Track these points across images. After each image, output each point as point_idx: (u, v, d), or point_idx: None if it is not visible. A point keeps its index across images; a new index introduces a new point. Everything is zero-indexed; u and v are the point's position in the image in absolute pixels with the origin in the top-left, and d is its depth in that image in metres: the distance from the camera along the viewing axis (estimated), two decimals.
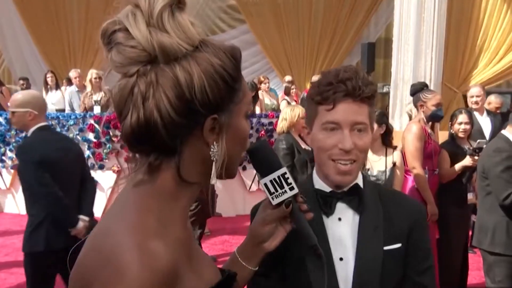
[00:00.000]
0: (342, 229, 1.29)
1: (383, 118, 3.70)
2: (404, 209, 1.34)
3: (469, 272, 4.20)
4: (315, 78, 8.16)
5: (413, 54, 7.41)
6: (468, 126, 4.08)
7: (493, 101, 6.07)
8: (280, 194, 1.07)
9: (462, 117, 4.06)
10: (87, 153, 7.09)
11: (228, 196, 7.08)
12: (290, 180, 1.06)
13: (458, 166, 3.90)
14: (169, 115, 0.81)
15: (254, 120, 7.18)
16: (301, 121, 4.19)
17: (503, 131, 3.25)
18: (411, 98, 4.35)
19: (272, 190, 1.07)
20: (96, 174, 7.17)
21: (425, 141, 3.73)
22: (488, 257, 3.20)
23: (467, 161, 3.87)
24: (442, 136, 5.21)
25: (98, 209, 7.03)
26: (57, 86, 8.46)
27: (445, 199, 3.84)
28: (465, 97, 8.85)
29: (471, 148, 3.97)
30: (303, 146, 4.19)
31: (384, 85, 9.68)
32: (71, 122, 7.11)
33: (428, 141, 3.75)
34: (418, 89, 3.93)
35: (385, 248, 1.27)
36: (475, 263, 4.63)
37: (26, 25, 12.05)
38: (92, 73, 7.45)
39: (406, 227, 1.31)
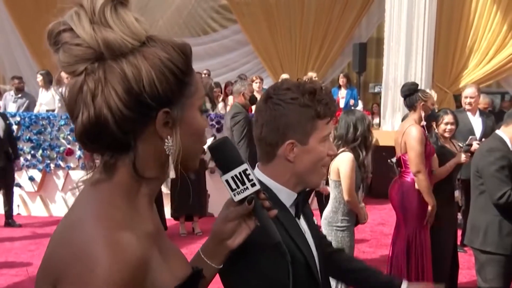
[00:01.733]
0: (303, 223, 1.45)
1: None
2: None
3: (460, 271, 4.23)
4: (305, 78, 8.17)
5: (404, 55, 7.48)
6: (453, 126, 4.11)
7: (481, 101, 6.13)
8: (242, 191, 1.07)
9: (448, 118, 4.08)
10: (78, 153, 7.06)
11: (220, 196, 7.03)
12: (252, 176, 1.07)
13: (451, 164, 3.92)
14: (119, 110, 0.82)
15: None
16: None
17: (497, 131, 3.27)
18: (401, 98, 4.37)
19: (234, 186, 1.07)
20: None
21: (425, 143, 3.71)
22: (480, 256, 3.22)
23: (460, 158, 3.90)
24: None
25: None
26: (48, 87, 8.40)
27: (436, 199, 3.87)
28: (455, 97, 8.97)
29: (464, 145, 4.01)
30: None
31: (376, 85, 9.74)
32: (62, 122, 7.06)
33: (427, 143, 3.74)
34: (415, 89, 3.88)
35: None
36: (466, 262, 4.67)
37: (15, 24, 11.98)
38: None
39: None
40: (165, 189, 6.42)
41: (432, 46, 7.62)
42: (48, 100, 8.17)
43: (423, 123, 3.82)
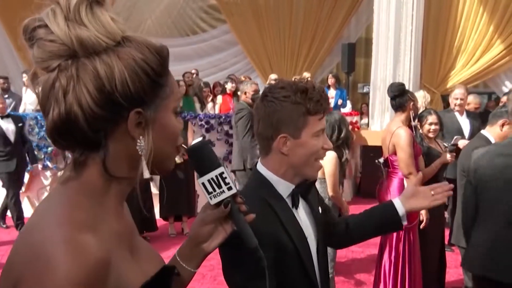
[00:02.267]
0: (302, 214, 1.54)
1: None
2: (313, 184, 1.66)
3: (447, 270, 4.28)
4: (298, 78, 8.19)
5: (393, 55, 7.52)
6: (437, 127, 4.14)
7: (472, 101, 6.16)
8: (218, 194, 1.08)
9: (432, 118, 4.11)
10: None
11: None
12: (228, 180, 1.07)
13: (436, 164, 3.95)
14: (90, 108, 0.82)
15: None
16: None
17: (482, 131, 3.31)
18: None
19: (210, 189, 1.08)
20: None
21: (413, 145, 3.73)
22: None
23: (446, 157, 3.94)
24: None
25: None
26: None
27: None
28: (443, 97, 9.06)
29: (449, 145, 4.04)
30: None
31: (365, 85, 9.80)
32: None
33: (414, 143, 3.76)
34: (404, 90, 3.83)
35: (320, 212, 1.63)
36: (453, 261, 4.72)
37: (2, 23, 11.84)
38: None
39: (316, 194, 1.67)
40: (154, 190, 6.42)
41: (420, 46, 7.69)
42: (33, 100, 8.10)
43: (414, 123, 3.84)
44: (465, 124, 5.46)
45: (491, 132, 3.30)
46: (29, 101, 8.16)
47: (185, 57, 11.82)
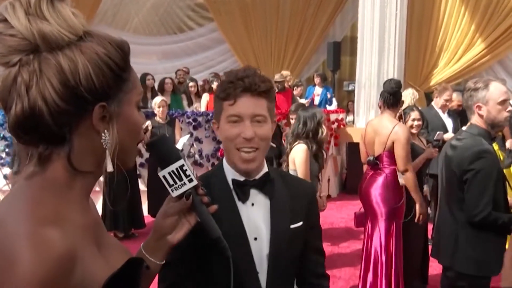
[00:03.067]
0: (255, 213, 1.43)
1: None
2: (302, 190, 1.56)
3: (430, 264, 4.29)
4: (276, 76, 8.27)
5: (377, 53, 7.64)
6: (419, 122, 4.23)
7: (455, 98, 6.26)
8: (180, 186, 1.09)
9: (415, 114, 4.20)
10: None
11: None
12: (189, 172, 1.08)
13: (420, 159, 4.00)
14: (54, 102, 0.81)
15: None
16: None
17: (463, 128, 3.41)
18: (375, 95, 4.50)
19: (171, 182, 1.08)
20: None
21: None
22: None
23: (429, 153, 4.02)
24: None
25: None
26: None
27: (407, 194, 3.93)
28: (426, 95, 9.22)
29: (433, 140, 4.14)
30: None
31: (350, 83, 9.90)
32: None
33: None
34: (390, 90, 3.84)
35: (292, 226, 1.46)
36: None
37: None
38: None
39: (305, 206, 1.53)
40: (142, 187, 6.44)
41: (403, 45, 7.81)
42: None
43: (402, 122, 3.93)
44: (448, 121, 5.60)
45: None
46: None
47: (172, 55, 11.83)
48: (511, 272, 1.86)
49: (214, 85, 8.23)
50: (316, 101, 8.95)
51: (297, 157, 3.67)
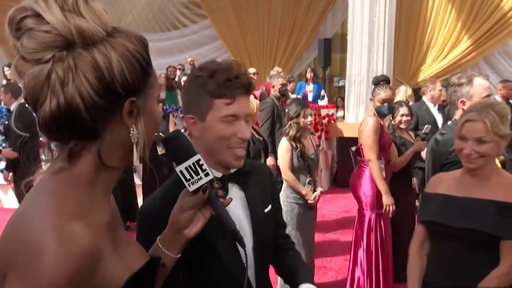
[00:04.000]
0: (234, 206, 1.36)
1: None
2: (263, 174, 1.57)
3: None
4: (273, 72, 8.42)
5: (367, 50, 7.78)
6: (408, 118, 4.30)
7: (443, 94, 6.45)
8: (196, 181, 1.09)
9: (403, 110, 4.27)
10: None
11: None
12: (205, 166, 1.08)
13: (409, 152, 4.06)
14: (90, 97, 0.81)
15: None
16: (257, 113, 4.42)
17: (449, 122, 3.52)
18: (364, 91, 4.67)
19: (188, 177, 1.08)
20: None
21: (380, 134, 3.82)
22: None
23: (418, 146, 4.09)
24: None
25: None
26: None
27: (394, 187, 3.92)
28: (415, 90, 9.39)
29: (421, 133, 4.24)
30: (256, 136, 4.43)
31: (340, 79, 10.04)
32: None
33: (382, 133, 3.85)
34: (375, 82, 4.01)
35: (265, 211, 1.50)
36: None
37: None
38: None
39: (269, 189, 1.56)
40: (137, 180, 6.55)
41: (392, 42, 7.94)
42: None
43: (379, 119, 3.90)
44: (439, 116, 5.74)
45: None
46: None
47: (166, 52, 11.89)
48: (416, 261, 2.06)
49: None
50: (310, 97, 9.10)
51: (279, 152, 3.88)
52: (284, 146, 3.82)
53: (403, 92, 5.64)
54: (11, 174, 5.85)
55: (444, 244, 1.98)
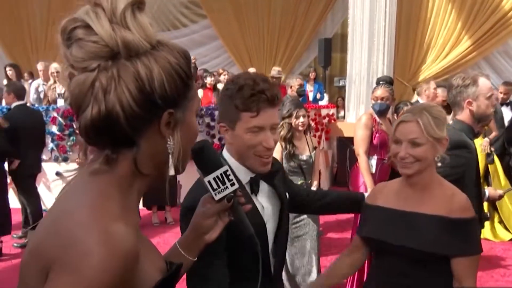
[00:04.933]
0: (264, 201, 1.61)
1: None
2: (280, 167, 1.77)
3: None
4: (274, 71, 8.44)
5: (367, 50, 7.79)
6: None
7: (440, 94, 6.49)
8: (222, 190, 1.13)
9: (405, 110, 4.37)
10: (50, 145, 7.13)
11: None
12: (231, 176, 1.14)
13: None
14: (130, 107, 0.84)
15: (216, 112, 7.39)
16: None
17: (450, 122, 3.56)
18: (364, 91, 4.76)
19: (215, 186, 1.13)
20: (60, 167, 7.23)
21: (374, 131, 3.93)
22: None
23: None
24: None
25: None
26: (19, 80, 8.38)
27: None
28: (415, 90, 9.42)
29: None
30: None
31: (340, 79, 10.05)
32: None
33: (376, 131, 3.94)
34: (377, 82, 4.18)
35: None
36: None
37: None
38: (51, 68, 7.46)
39: (283, 181, 1.76)
40: None
41: (392, 42, 7.96)
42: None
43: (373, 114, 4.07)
44: None
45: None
46: None
47: None
48: (340, 259, 2.05)
49: (208, 80, 8.37)
50: (310, 97, 9.12)
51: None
52: (276, 147, 3.81)
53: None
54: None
55: (384, 259, 1.89)
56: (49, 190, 7.38)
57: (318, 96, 9.20)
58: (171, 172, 0.93)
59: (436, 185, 1.84)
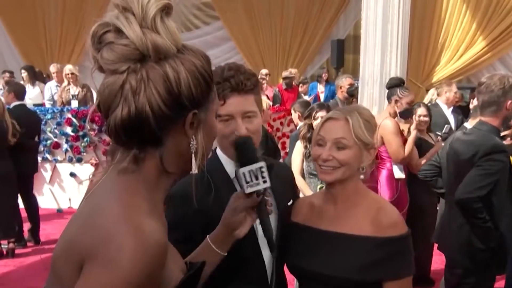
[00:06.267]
0: None
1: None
2: (286, 172, 1.76)
3: (433, 257, 4.40)
4: (285, 73, 8.44)
5: (380, 51, 7.75)
6: (427, 119, 4.32)
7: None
8: (255, 185, 1.18)
9: (421, 110, 4.30)
10: (65, 146, 7.21)
11: None
12: (265, 174, 1.19)
13: (431, 152, 4.05)
14: (159, 108, 0.88)
15: None
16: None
17: (465, 124, 3.53)
18: (377, 92, 4.67)
19: (248, 179, 1.18)
20: (74, 167, 7.31)
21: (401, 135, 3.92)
22: None
23: (439, 146, 4.05)
24: None
25: (75, 201, 7.17)
26: (33, 82, 8.48)
27: (416, 188, 3.95)
28: (428, 91, 9.33)
29: (442, 133, 4.26)
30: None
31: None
32: (49, 116, 7.20)
33: (401, 133, 3.96)
34: (395, 84, 4.09)
35: (288, 204, 1.65)
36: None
37: (1, 19, 11.97)
38: (65, 69, 7.54)
39: (290, 186, 1.73)
40: None
41: (406, 43, 7.89)
42: (35, 95, 8.25)
43: (397, 118, 4.02)
44: (451, 117, 5.74)
45: (472, 125, 3.54)
46: (31, 96, 8.31)
47: None
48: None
49: None
50: (322, 98, 9.09)
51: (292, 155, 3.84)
52: (297, 148, 3.81)
53: (430, 95, 5.69)
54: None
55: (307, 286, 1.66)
56: (63, 191, 7.46)
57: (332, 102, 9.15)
58: (194, 170, 0.96)
59: (362, 198, 1.62)
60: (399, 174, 3.92)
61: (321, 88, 9.42)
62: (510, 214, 2.64)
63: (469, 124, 3.47)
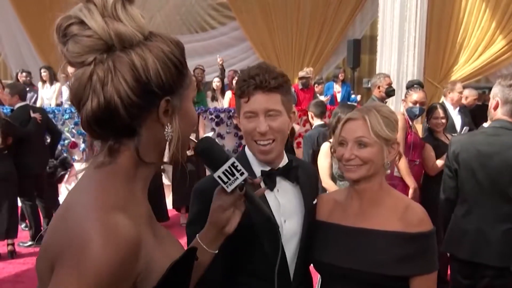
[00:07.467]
0: (283, 197, 1.56)
1: None
2: (311, 172, 1.78)
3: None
4: (302, 73, 8.41)
5: (397, 51, 7.69)
6: (444, 120, 4.29)
7: (469, 94, 6.37)
8: (233, 181, 1.16)
9: (438, 112, 4.28)
10: (82, 146, 7.29)
11: None
12: (239, 167, 1.16)
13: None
14: (128, 96, 0.86)
15: None
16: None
17: (484, 124, 3.47)
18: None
19: (225, 179, 1.16)
20: None
21: (406, 132, 3.91)
22: None
23: None
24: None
25: None
26: (52, 82, 8.59)
27: (435, 189, 3.73)
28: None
29: (460, 134, 4.24)
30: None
31: (369, 80, 9.92)
32: (67, 116, 7.29)
33: (409, 132, 3.93)
34: (409, 85, 4.21)
35: (314, 202, 1.67)
36: None
37: (20, 20, 12.18)
38: None
39: (315, 186, 1.76)
40: (166, 181, 6.66)
41: (423, 42, 7.83)
42: (52, 95, 8.36)
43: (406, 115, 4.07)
44: (458, 118, 5.67)
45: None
46: (47, 96, 8.42)
47: (194, 54, 11.89)
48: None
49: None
50: (339, 98, 9.06)
51: (319, 157, 3.75)
52: (324, 150, 3.72)
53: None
54: None
55: (332, 285, 1.66)
56: None
57: (352, 95, 9.14)
58: (166, 159, 0.95)
59: (386, 195, 1.64)
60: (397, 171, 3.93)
61: (337, 88, 9.37)
62: None
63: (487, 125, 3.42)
